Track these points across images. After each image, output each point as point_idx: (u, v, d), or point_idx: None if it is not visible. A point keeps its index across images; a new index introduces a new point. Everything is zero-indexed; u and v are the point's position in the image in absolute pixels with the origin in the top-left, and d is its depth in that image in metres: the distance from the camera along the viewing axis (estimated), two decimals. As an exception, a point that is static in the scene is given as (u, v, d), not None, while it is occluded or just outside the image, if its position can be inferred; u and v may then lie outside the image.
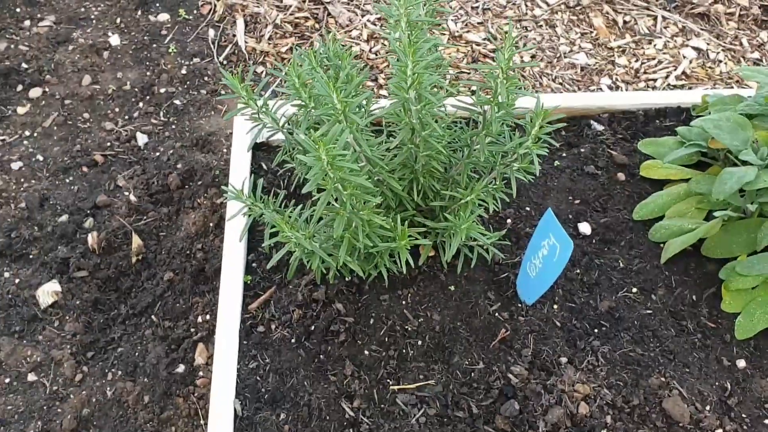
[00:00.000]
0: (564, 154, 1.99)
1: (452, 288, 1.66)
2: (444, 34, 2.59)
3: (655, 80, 2.50)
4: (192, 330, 1.78)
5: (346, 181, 1.33)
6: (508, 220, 1.81)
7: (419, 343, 1.57)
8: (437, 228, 1.60)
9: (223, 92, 2.35)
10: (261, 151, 1.96)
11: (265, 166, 1.93)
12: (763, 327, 1.59)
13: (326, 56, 1.58)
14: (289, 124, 1.62)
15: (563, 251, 1.47)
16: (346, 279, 1.67)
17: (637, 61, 2.56)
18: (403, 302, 1.64)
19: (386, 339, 1.58)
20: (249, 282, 1.68)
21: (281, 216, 1.48)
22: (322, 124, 1.43)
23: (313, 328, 1.59)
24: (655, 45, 2.62)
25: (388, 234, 1.51)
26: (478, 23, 2.64)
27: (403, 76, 1.38)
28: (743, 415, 1.49)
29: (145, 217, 2.00)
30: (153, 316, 1.81)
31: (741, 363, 1.56)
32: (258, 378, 1.51)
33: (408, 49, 1.34)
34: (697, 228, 1.70)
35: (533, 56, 2.54)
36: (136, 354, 1.74)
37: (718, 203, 1.73)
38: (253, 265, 1.71)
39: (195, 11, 2.63)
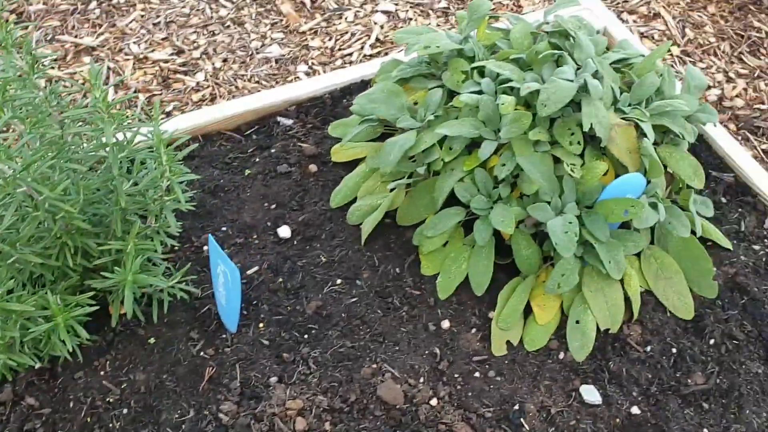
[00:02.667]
0: (257, 159, 1.92)
1: (152, 340, 1.55)
2: (128, 60, 2.44)
3: (351, 54, 2.50)
4: None
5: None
6: (205, 247, 1.72)
7: (125, 411, 1.46)
8: (105, 287, 1.47)
9: None
10: None
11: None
12: (460, 281, 1.63)
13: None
14: None
15: (233, 276, 1.41)
16: (36, 367, 1.51)
17: (330, 39, 2.54)
18: (102, 373, 1.51)
19: (88, 419, 1.45)
20: None
21: None
22: None
23: (0, 436, 1.43)
24: (345, 18, 2.62)
25: (46, 313, 1.37)
26: (163, 39, 2.51)
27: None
28: (455, 375, 1.52)
29: None
30: None
31: (446, 324, 1.59)
32: None
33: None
34: (383, 202, 1.70)
35: (225, 60, 2.45)
36: None
37: (397, 174, 1.73)
38: None
39: None
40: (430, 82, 1.76)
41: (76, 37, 2.50)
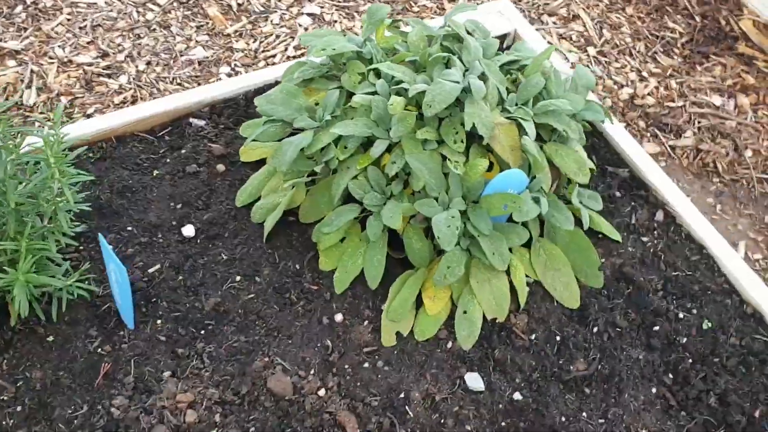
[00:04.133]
0: (167, 160, 1.96)
1: (51, 338, 1.59)
2: (52, 63, 2.46)
3: (274, 56, 2.54)
4: None
5: None
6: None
7: (19, 408, 1.49)
8: (0, 286, 1.50)
9: None
10: None
11: None
12: (356, 275, 1.68)
13: None
14: None
15: (121, 274, 1.45)
16: (-66, 368, 1.54)
17: (255, 41, 2.59)
18: (-2, 371, 1.54)
19: (-17, 416, 1.48)
20: None
21: None
22: None
23: None
24: (271, 21, 2.66)
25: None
26: (88, 43, 2.53)
27: None
28: (345, 366, 1.57)
29: None
30: None
31: (339, 317, 1.64)
32: None
33: None
34: (283, 200, 1.75)
35: (149, 63, 2.48)
36: None
37: (298, 173, 1.78)
38: None
39: None
40: (331, 83, 1.82)
41: (0, 41, 2.52)
